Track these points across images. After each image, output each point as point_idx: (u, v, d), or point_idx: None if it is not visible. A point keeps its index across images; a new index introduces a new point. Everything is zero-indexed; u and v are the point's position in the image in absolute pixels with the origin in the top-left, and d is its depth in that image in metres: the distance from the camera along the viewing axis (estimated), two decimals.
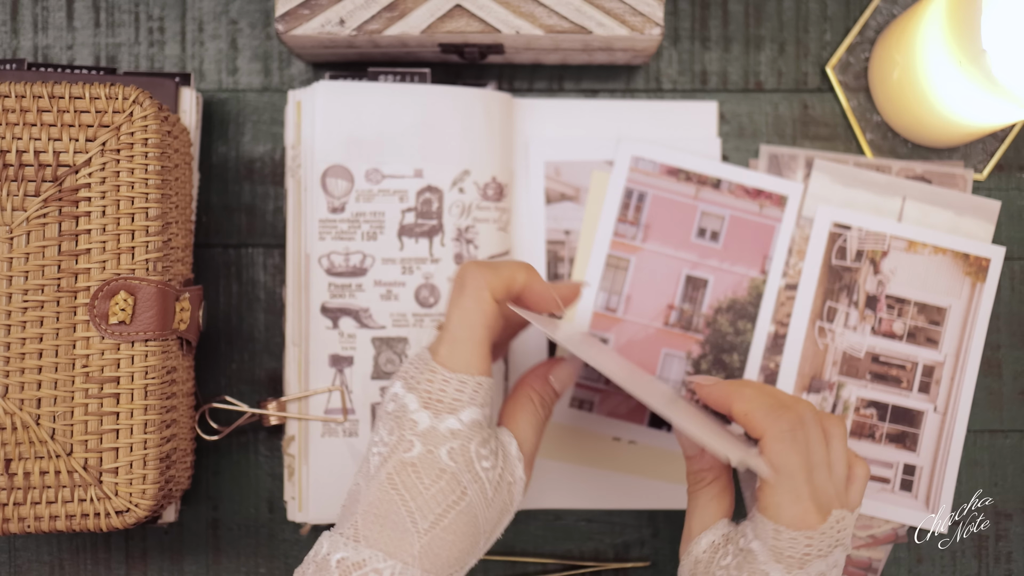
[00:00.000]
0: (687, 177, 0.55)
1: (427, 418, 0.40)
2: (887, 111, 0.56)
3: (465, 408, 0.40)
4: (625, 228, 0.55)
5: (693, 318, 0.55)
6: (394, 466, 0.39)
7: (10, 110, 0.44)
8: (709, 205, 0.55)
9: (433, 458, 0.39)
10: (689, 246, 0.55)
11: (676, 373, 0.55)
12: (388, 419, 0.41)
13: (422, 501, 0.39)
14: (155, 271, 0.45)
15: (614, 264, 0.55)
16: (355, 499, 0.40)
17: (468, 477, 0.40)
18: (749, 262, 0.55)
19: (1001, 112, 0.48)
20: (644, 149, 0.55)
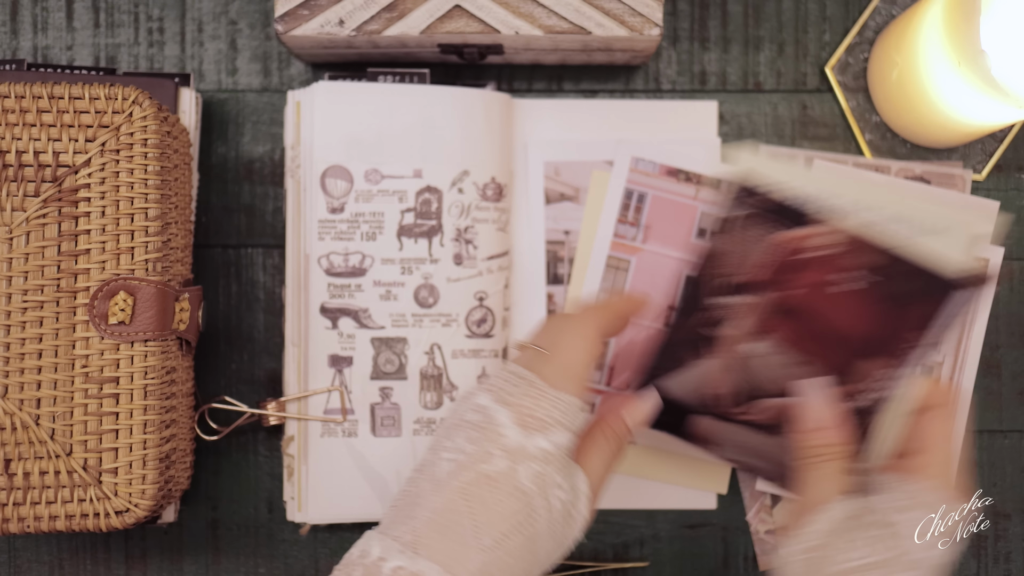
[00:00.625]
0: (687, 178, 0.55)
1: (517, 434, 0.39)
2: (886, 111, 0.56)
3: (557, 429, 0.40)
4: (625, 229, 0.55)
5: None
6: (471, 477, 0.38)
7: (10, 110, 0.44)
8: (709, 205, 0.55)
9: (513, 476, 0.39)
10: (690, 247, 0.55)
11: None
12: (468, 428, 0.40)
13: (491, 517, 0.38)
14: (155, 271, 0.45)
15: (614, 265, 0.55)
16: (414, 503, 0.39)
17: (541, 503, 0.39)
18: None
19: (1000, 112, 0.48)
20: (644, 150, 0.55)
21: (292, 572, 0.56)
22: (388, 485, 0.53)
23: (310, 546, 0.56)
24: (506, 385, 0.41)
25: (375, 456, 0.53)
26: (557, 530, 0.40)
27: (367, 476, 0.53)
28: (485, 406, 0.40)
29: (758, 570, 0.56)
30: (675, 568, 0.56)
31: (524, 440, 0.39)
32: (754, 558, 0.56)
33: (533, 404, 0.40)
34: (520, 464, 0.39)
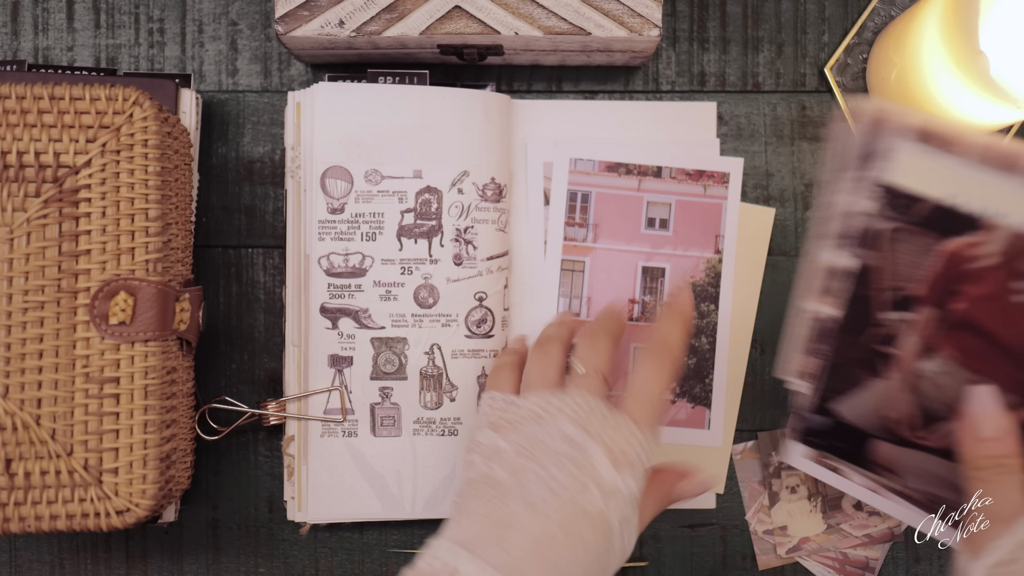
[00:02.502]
0: (627, 170, 0.55)
1: (611, 472, 0.40)
2: None
3: (640, 469, 0.41)
4: (574, 231, 0.55)
5: (656, 309, 0.55)
6: (571, 511, 0.39)
7: (10, 111, 0.44)
8: (653, 194, 0.55)
9: (606, 513, 0.39)
10: (640, 238, 0.55)
11: None
12: (561, 458, 0.40)
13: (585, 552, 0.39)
14: (155, 272, 0.45)
15: (569, 268, 0.55)
16: (507, 525, 0.39)
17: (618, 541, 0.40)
18: (702, 244, 0.55)
19: (999, 114, 0.49)
20: (580, 149, 0.55)
21: (292, 572, 0.56)
22: (388, 485, 0.53)
23: (310, 546, 0.56)
24: (591, 418, 0.41)
25: (375, 456, 0.53)
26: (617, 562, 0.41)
27: (367, 476, 0.53)
28: (574, 438, 0.40)
29: (757, 569, 0.56)
30: (675, 568, 0.57)
31: (616, 478, 0.40)
32: (753, 557, 0.56)
33: (624, 443, 0.41)
34: (611, 501, 0.40)
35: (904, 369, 0.41)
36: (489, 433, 0.43)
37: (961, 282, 0.37)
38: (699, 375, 0.56)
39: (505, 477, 0.40)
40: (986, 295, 0.36)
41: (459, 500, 0.42)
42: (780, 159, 0.57)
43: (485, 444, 0.43)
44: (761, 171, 0.57)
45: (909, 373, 0.40)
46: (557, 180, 0.55)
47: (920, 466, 0.45)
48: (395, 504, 0.53)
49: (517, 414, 0.43)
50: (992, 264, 0.35)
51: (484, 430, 0.44)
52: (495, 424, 0.43)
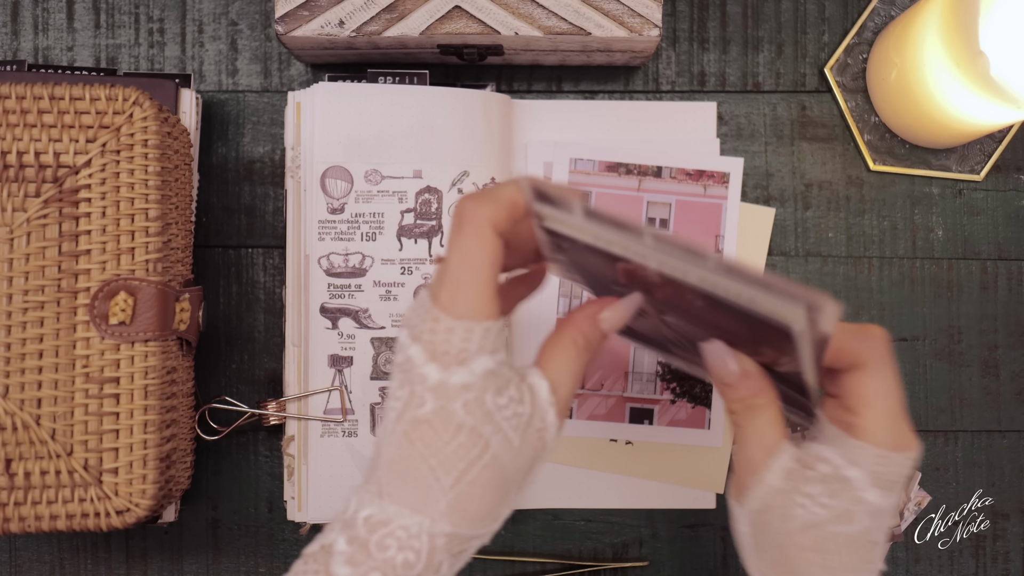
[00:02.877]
0: (627, 170, 0.55)
1: (436, 372, 0.37)
2: (885, 112, 0.56)
3: (475, 358, 0.37)
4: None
5: None
6: (409, 423, 0.37)
7: (10, 111, 0.44)
8: (653, 194, 0.55)
9: (448, 413, 0.37)
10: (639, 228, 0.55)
11: (648, 365, 0.55)
12: (398, 371, 0.38)
13: (443, 458, 0.36)
14: (155, 272, 0.45)
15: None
16: (377, 454, 0.38)
17: (489, 429, 0.37)
18: (702, 244, 0.54)
19: (998, 113, 0.49)
20: (580, 149, 0.55)
21: None
22: None
23: None
24: (415, 318, 0.38)
25: None
26: (522, 447, 0.38)
27: None
28: (403, 344, 0.38)
29: None
30: (674, 568, 0.57)
31: (445, 376, 0.37)
32: None
33: (439, 337, 0.37)
34: (451, 401, 0.36)
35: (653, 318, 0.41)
36: None
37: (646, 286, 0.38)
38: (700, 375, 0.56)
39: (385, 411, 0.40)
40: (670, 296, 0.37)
41: None
42: (780, 159, 0.57)
43: None
44: (761, 171, 0.57)
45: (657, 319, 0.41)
46: (557, 179, 0.55)
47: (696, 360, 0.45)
48: None
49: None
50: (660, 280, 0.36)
51: None
52: None
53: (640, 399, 0.56)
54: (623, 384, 0.55)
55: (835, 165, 0.57)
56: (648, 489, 0.56)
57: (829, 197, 0.57)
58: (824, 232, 0.57)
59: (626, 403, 0.56)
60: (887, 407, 0.39)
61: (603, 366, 0.55)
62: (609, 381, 0.56)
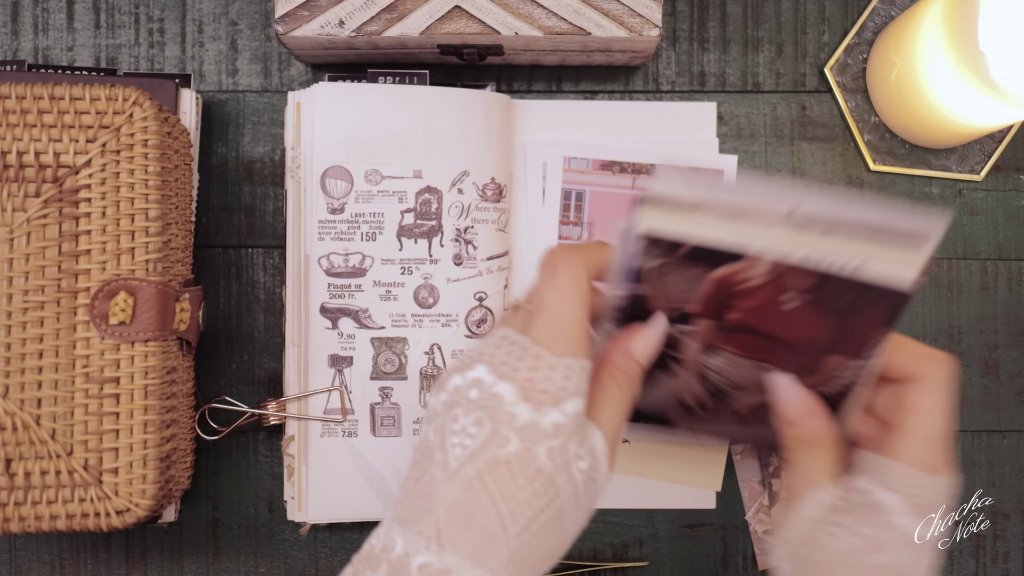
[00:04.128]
0: (621, 168, 0.55)
1: (527, 412, 0.36)
2: (885, 112, 0.56)
3: (570, 399, 0.36)
4: (569, 230, 0.55)
5: None
6: (485, 463, 0.36)
7: (10, 111, 0.44)
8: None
9: (530, 457, 0.35)
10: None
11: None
12: (473, 408, 0.36)
13: (514, 504, 0.35)
14: (155, 272, 0.45)
15: None
16: (431, 493, 0.36)
17: (563, 479, 0.36)
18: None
19: (998, 113, 0.49)
20: (574, 148, 0.55)
21: (292, 572, 0.56)
22: (388, 485, 0.53)
23: (310, 546, 0.56)
24: (500, 354, 0.37)
25: (375, 456, 0.53)
26: (582, 499, 0.37)
27: (367, 476, 0.53)
28: (484, 381, 0.37)
29: (757, 570, 0.56)
30: (674, 568, 0.57)
31: (537, 416, 0.36)
32: (753, 558, 0.57)
33: (539, 376, 0.36)
34: (536, 444, 0.36)
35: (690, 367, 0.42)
36: (431, 393, 0.40)
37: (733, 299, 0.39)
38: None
39: (432, 439, 0.38)
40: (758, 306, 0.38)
41: (405, 474, 0.40)
42: (780, 159, 0.57)
43: (428, 406, 0.40)
44: (761, 171, 0.57)
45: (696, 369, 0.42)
46: (551, 179, 0.55)
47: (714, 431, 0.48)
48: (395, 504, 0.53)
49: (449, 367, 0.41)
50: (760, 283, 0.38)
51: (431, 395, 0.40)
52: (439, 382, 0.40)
53: None
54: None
55: (835, 165, 0.57)
56: (648, 489, 0.56)
57: None
58: None
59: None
60: (929, 427, 0.39)
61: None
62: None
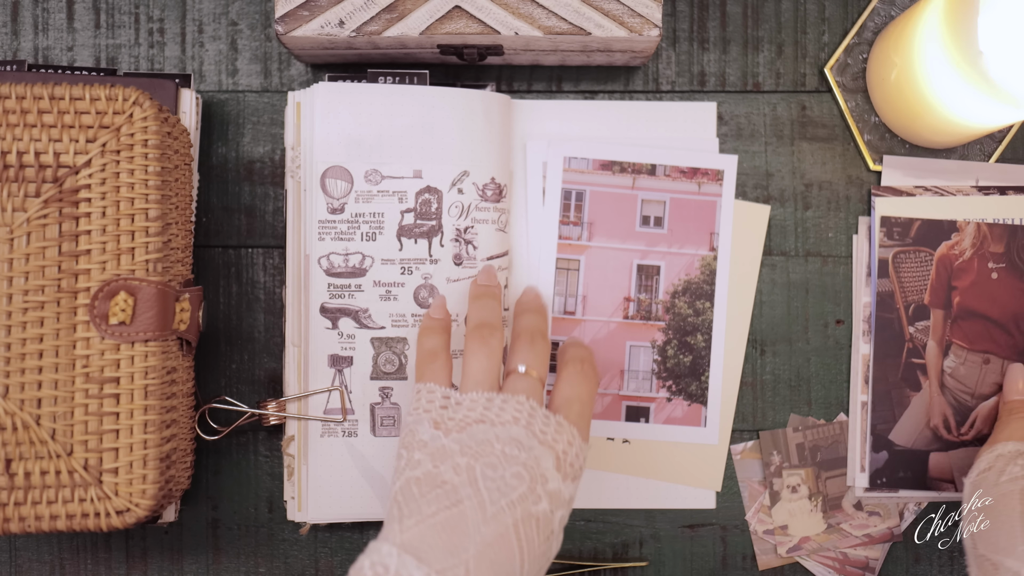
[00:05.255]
0: (622, 168, 0.55)
1: (558, 481, 0.41)
2: (885, 112, 0.56)
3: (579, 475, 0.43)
4: (569, 229, 0.56)
5: (651, 306, 0.55)
6: (522, 516, 0.40)
7: (10, 111, 0.44)
8: (648, 192, 0.55)
9: (552, 520, 0.41)
10: (635, 236, 0.55)
11: (644, 363, 0.56)
12: (513, 463, 0.41)
13: (532, 558, 0.40)
14: (155, 272, 0.45)
15: (564, 267, 0.55)
16: (461, 531, 0.39)
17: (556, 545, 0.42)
18: (697, 242, 0.56)
19: (998, 113, 0.49)
20: (574, 147, 0.55)
21: (292, 572, 0.56)
22: (388, 485, 0.53)
23: (310, 546, 0.56)
24: (535, 422, 0.43)
25: (375, 456, 0.53)
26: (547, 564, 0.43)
27: (367, 476, 0.53)
28: (523, 442, 0.42)
29: (757, 569, 0.56)
30: (674, 568, 0.57)
31: (562, 487, 0.42)
32: (753, 557, 0.57)
33: (572, 452, 0.42)
34: (557, 510, 0.41)
35: (934, 372, 0.52)
36: (432, 431, 0.43)
37: (953, 279, 0.51)
38: (695, 373, 0.56)
39: (453, 478, 0.40)
40: (972, 283, 0.51)
41: (402, 500, 0.41)
42: (780, 159, 0.57)
43: (429, 443, 0.43)
44: (761, 171, 0.57)
45: (937, 375, 0.51)
46: (551, 178, 0.55)
47: (966, 463, 0.54)
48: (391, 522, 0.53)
49: (460, 413, 0.43)
50: (969, 256, 0.51)
51: (426, 427, 0.43)
52: (437, 422, 0.43)
53: (636, 397, 0.56)
54: (619, 382, 0.56)
55: (835, 165, 0.57)
56: (648, 489, 0.56)
57: (829, 197, 0.57)
58: (824, 232, 0.57)
59: (622, 401, 0.56)
60: None
61: (599, 364, 0.55)
62: (605, 379, 0.56)
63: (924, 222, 0.47)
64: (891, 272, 0.53)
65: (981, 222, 0.54)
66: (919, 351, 0.54)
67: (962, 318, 0.53)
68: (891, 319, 0.54)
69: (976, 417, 0.54)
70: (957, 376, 0.53)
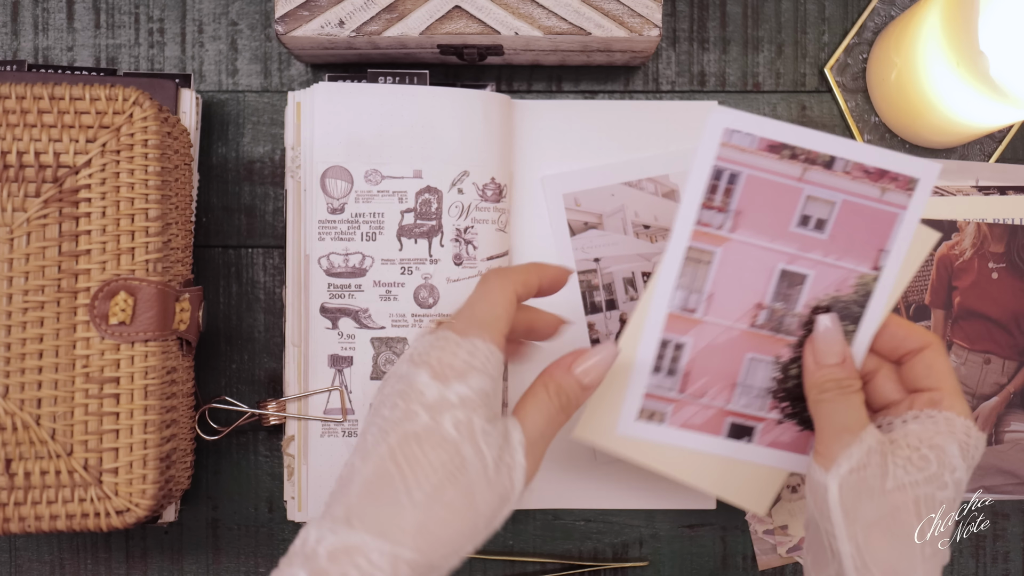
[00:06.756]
0: (792, 154, 0.45)
1: (435, 388, 0.39)
2: (885, 112, 0.56)
3: (474, 375, 0.39)
4: (711, 216, 0.46)
5: (785, 318, 0.47)
6: (396, 439, 0.38)
7: (10, 111, 0.44)
8: (817, 188, 0.45)
9: (437, 427, 0.38)
10: (787, 236, 0.46)
11: (761, 379, 0.48)
12: (389, 398, 0.39)
13: (420, 471, 0.37)
14: (155, 272, 0.45)
15: (695, 258, 0.46)
16: (348, 480, 0.39)
17: (470, 450, 0.38)
18: (860, 256, 0.46)
19: (998, 113, 0.49)
20: (741, 120, 0.44)
21: None
22: None
23: None
24: (419, 346, 0.40)
25: None
26: (493, 479, 0.38)
27: None
28: (404, 373, 0.40)
29: (757, 570, 0.56)
30: (675, 568, 0.57)
31: (444, 391, 0.38)
32: (753, 558, 0.56)
33: (446, 355, 0.39)
34: (442, 415, 0.38)
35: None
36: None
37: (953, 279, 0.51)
38: None
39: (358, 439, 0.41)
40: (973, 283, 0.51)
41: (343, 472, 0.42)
42: None
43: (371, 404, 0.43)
44: None
45: None
46: (703, 152, 0.45)
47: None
48: None
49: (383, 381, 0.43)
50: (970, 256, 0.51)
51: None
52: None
53: (744, 414, 0.49)
54: (727, 395, 0.48)
55: None
56: (648, 489, 0.56)
57: None
58: None
59: (726, 416, 0.49)
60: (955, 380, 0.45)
61: (709, 372, 0.48)
62: (714, 390, 0.48)
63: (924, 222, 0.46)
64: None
65: (981, 222, 0.54)
66: None
67: (963, 318, 0.54)
68: None
69: (977, 417, 0.54)
70: (958, 376, 0.53)
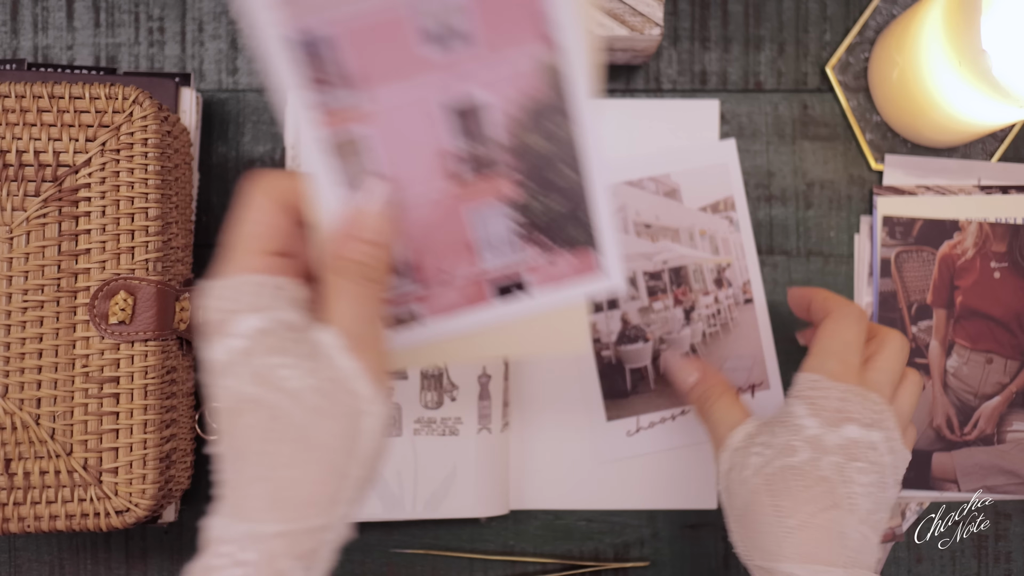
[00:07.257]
0: None
1: (216, 351, 0.33)
2: (887, 111, 0.56)
3: (240, 318, 0.32)
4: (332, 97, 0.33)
5: (485, 154, 0.35)
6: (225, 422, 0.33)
7: (10, 110, 0.44)
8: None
9: (224, 391, 0.32)
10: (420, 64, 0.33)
11: (499, 228, 0.37)
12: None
13: (242, 442, 0.32)
14: (155, 271, 0.45)
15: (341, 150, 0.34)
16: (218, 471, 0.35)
17: (275, 396, 0.32)
18: (518, 38, 0.33)
19: (1001, 112, 0.48)
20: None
21: None
22: (389, 485, 0.53)
23: None
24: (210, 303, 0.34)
25: None
26: (325, 406, 0.32)
27: None
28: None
29: None
30: (675, 568, 0.56)
31: (208, 354, 0.33)
32: None
33: (212, 306, 0.33)
34: (226, 378, 0.32)
35: (937, 372, 0.52)
36: None
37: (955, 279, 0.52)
38: (570, 213, 0.38)
39: None
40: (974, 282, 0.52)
41: None
42: (782, 158, 0.57)
43: None
44: (763, 170, 0.57)
45: (940, 375, 0.52)
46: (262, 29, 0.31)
47: (968, 463, 0.55)
48: (396, 504, 0.53)
49: None
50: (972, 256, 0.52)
51: None
52: None
53: (502, 271, 0.38)
54: (470, 261, 0.38)
55: (837, 164, 0.57)
56: (650, 489, 0.56)
57: (831, 196, 0.57)
58: (826, 231, 0.57)
59: (485, 282, 0.39)
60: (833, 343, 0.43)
61: (435, 250, 0.37)
62: (449, 262, 0.38)
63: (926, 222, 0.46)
64: (893, 272, 0.54)
65: (983, 221, 0.54)
66: (922, 351, 0.54)
67: (965, 318, 0.54)
68: (894, 319, 0.54)
69: (979, 417, 0.54)
70: (960, 376, 0.53)
